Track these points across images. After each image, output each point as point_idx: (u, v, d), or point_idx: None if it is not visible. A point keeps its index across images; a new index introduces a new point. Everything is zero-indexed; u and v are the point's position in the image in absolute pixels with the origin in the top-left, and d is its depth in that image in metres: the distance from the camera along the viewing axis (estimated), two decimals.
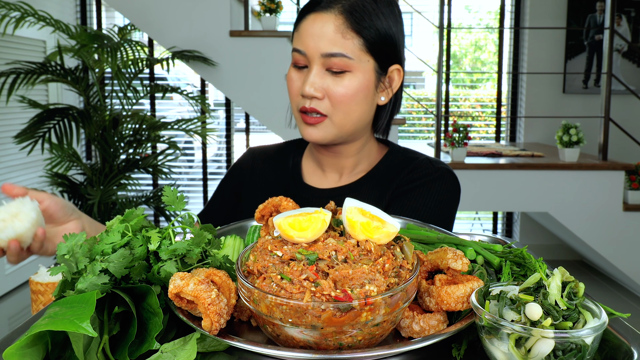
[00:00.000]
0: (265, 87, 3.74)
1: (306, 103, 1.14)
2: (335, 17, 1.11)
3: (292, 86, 1.18)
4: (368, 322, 0.64)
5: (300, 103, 1.16)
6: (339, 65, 1.11)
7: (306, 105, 1.14)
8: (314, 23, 1.12)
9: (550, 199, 3.81)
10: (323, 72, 1.13)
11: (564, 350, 0.60)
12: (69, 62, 4.69)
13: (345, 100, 1.13)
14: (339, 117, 1.15)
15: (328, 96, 1.13)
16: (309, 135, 1.18)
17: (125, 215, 0.81)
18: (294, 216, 0.71)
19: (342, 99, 1.13)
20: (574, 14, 5.16)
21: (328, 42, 1.11)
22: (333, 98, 1.13)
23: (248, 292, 0.67)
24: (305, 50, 1.13)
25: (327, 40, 1.11)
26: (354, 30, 1.12)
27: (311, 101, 1.14)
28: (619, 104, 4.96)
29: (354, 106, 1.15)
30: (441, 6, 3.90)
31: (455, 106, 6.13)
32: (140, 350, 0.66)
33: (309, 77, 1.12)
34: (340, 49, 1.11)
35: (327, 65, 1.12)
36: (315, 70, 1.12)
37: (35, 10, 3.28)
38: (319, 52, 1.11)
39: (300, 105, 1.16)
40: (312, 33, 1.12)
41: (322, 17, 1.12)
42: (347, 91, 1.13)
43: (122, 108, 3.69)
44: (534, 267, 0.81)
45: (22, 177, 4.44)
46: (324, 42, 1.11)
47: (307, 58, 1.13)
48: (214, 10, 3.71)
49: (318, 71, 1.13)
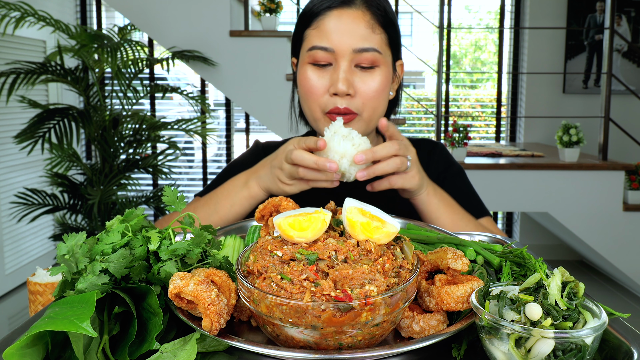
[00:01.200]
0: (265, 87, 3.74)
1: (338, 103, 1.11)
2: (363, 13, 1.11)
3: (312, 86, 1.13)
4: (368, 322, 0.64)
5: (327, 104, 1.12)
6: (369, 61, 1.10)
7: (339, 106, 1.11)
8: (340, 19, 1.10)
9: (550, 199, 3.81)
10: (352, 69, 1.11)
11: (564, 350, 0.60)
12: (69, 62, 4.69)
13: (376, 95, 1.12)
14: (369, 113, 1.14)
15: (359, 93, 1.11)
16: None
17: (125, 215, 0.81)
18: (294, 216, 0.71)
19: (374, 94, 1.12)
20: (574, 14, 5.16)
21: (360, 37, 1.09)
22: (365, 94, 1.11)
23: (248, 292, 0.67)
24: (333, 46, 1.10)
25: (358, 36, 1.09)
26: (381, 25, 1.12)
27: (343, 100, 1.11)
28: (619, 104, 4.96)
29: (382, 101, 1.15)
30: (441, 6, 3.90)
31: (455, 106, 6.13)
32: (140, 350, 0.66)
33: (339, 74, 1.10)
34: (372, 43, 1.10)
35: (357, 61, 1.11)
36: (346, 67, 1.10)
37: (35, 10, 3.28)
38: (350, 47, 1.09)
39: (328, 107, 1.12)
40: (340, 29, 1.10)
41: (348, 12, 1.11)
42: (378, 86, 1.12)
43: (122, 108, 3.69)
44: (534, 267, 0.81)
45: (22, 177, 4.44)
46: (355, 37, 1.09)
47: (335, 55, 1.10)
48: (214, 10, 3.71)
49: (348, 67, 1.10)
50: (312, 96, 1.14)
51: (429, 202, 1.12)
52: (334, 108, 1.11)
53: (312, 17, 1.14)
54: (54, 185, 3.68)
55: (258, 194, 1.11)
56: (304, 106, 1.19)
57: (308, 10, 1.15)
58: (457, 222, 1.14)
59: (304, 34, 1.16)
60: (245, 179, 1.13)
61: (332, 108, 1.11)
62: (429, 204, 1.12)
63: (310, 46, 1.12)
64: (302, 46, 1.17)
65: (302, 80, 1.15)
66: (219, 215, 1.13)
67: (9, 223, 4.24)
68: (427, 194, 1.12)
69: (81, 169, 3.72)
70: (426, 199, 1.12)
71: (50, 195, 3.69)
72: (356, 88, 1.11)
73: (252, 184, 1.11)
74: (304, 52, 1.16)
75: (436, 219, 1.14)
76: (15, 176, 4.37)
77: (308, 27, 1.14)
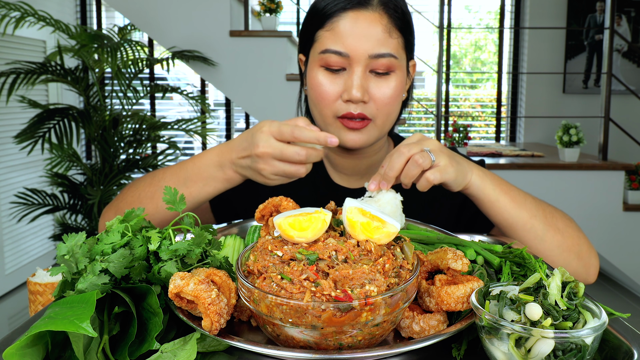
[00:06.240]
0: (265, 87, 3.74)
1: (351, 108, 1.06)
2: (380, 16, 1.05)
3: (325, 91, 1.08)
4: (368, 322, 0.64)
5: (339, 109, 1.08)
6: (385, 66, 1.06)
7: (352, 112, 1.06)
8: (356, 22, 1.04)
9: (550, 199, 3.79)
10: (367, 74, 1.06)
11: (564, 350, 0.60)
12: (69, 62, 4.69)
13: (391, 101, 1.08)
14: (382, 119, 1.09)
15: (373, 99, 1.07)
16: (353, 141, 1.09)
17: (125, 215, 0.81)
18: (294, 216, 0.71)
19: (388, 100, 1.07)
20: (574, 14, 5.16)
21: (376, 42, 1.04)
22: (379, 101, 1.07)
23: (248, 292, 0.67)
24: (348, 51, 1.04)
25: (375, 41, 1.04)
26: (398, 28, 1.07)
27: (357, 106, 1.06)
28: (619, 104, 4.96)
29: (396, 106, 1.11)
30: (441, 6, 3.90)
31: (455, 106, 6.13)
32: (140, 350, 0.66)
33: (353, 80, 1.05)
34: (389, 49, 1.05)
35: (372, 66, 1.06)
36: (361, 72, 1.05)
37: (35, 10, 3.28)
38: (366, 53, 1.04)
39: (340, 112, 1.08)
40: (356, 33, 1.04)
41: (364, 15, 1.05)
42: (393, 92, 1.07)
43: (122, 108, 3.69)
44: (534, 267, 0.81)
45: (22, 177, 4.44)
46: (371, 42, 1.04)
47: (349, 60, 1.05)
48: (214, 10, 3.71)
49: (363, 73, 1.05)
50: (323, 101, 1.09)
51: (483, 186, 0.99)
52: (347, 113, 1.07)
53: (326, 17, 1.07)
54: (54, 185, 3.68)
55: (235, 178, 1.02)
56: (313, 110, 1.14)
57: (321, 9, 1.09)
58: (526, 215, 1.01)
59: (315, 34, 1.10)
60: (218, 160, 1.02)
61: (346, 113, 1.07)
62: (484, 188, 0.99)
63: (323, 49, 1.07)
64: (314, 47, 1.11)
65: (313, 84, 1.10)
66: (190, 191, 1.04)
67: (9, 223, 4.24)
68: (480, 177, 1.00)
69: (81, 169, 3.72)
70: (480, 183, 0.99)
71: (50, 195, 3.69)
72: (371, 94, 1.06)
73: (228, 170, 1.01)
74: (315, 53, 1.10)
75: (498, 209, 1.01)
76: (15, 176, 4.37)
77: (321, 28, 1.08)
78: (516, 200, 1.02)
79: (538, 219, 1.03)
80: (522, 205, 1.02)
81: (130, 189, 1.15)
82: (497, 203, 1.01)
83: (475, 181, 0.99)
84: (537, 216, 1.03)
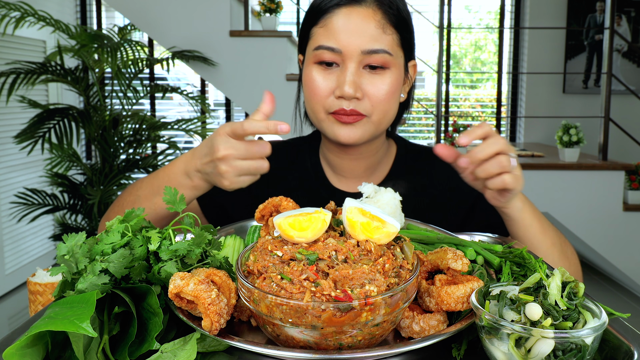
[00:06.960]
0: (265, 87, 3.73)
1: (343, 105, 1.06)
2: (374, 12, 1.05)
3: (317, 87, 1.08)
4: (368, 322, 0.64)
5: (332, 105, 1.07)
6: (379, 62, 1.05)
7: (345, 108, 1.06)
8: (349, 18, 1.04)
9: (550, 199, 3.81)
10: (360, 70, 1.06)
11: (564, 350, 0.60)
12: (69, 62, 4.69)
13: (386, 99, 1.07)
14: (378, 116, 1.09)
15: (367, 96, 1.06)
16: (347, 136, 1.09)
17: (125, 215, 0.81)
18: (294, 216, 0.71)
19: (383, 97, 1.07)
20: (574, 14, 5.16)
21: (369, 38, 1.04)
22: (374, 97, 1.06)
23: (248, 292, 0.67)
24: (341, 47, 1.04)
25: (368, 36, 1.04)
26: (393, 25, 1.06)
27: (350, 102, 1.06)
28: (619, 104, 4.96)
29: (393, 104, 1.10)
30: (441, 6, 3.90)
31: (455, 106, 6.13)
32: (140, 350, 0.66)
33: (346, 76, 1.04)
34: (382, 45, 1.05)
35: (365, 63, 1.05)
36: (354, 68, 1.05)
37: (35, 10, 3.28)
38: (359, 49, 1.04)
39: (332, 108, 1.07)
40: (349, 29, 1.04)
41: (358, 11, 1.05)
42: (388, 89, 1.07)
43: (122, 108, 3.69)
44: (534, 267, 0.81)
45: (22, 177, 4.44)
46: (364, 38, 1.04)
47: (342, 55, 1.05)
48: (214, 10, 3.71)
49: (356, 69, 1.05)
50: (315, 97, 1.09)
51: (523, 209, 1.01)
52: (339, 109, 1.07)
53: (320, 14, 1.08)
54: (54, 185, 3.68)
55: (201, 185, 1.02)
56: (307, 106, 1.15)
57: (315, 7, 1.09)
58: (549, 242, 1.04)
59: (310, 31, 1.10)
60: (184, 169, 1.02)
61: (338, 109, 1.07)
62: (523, 211, 1.01)
63: (317, 45, 1.07)
64: (309, 44, 1.11)
65: (306, 80, 1.10)
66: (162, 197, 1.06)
67: (9, 223, 4.24)
68: (522, 200, 1.01)
69: (81, 169, 3.72)
70: (521, 206, 1.01)
71: (50, 195, 3.69)
72: (364, 91, 1.06)
73: (194, 177, 1.01)
74: (309, 50, 1.10)
75: (529, 233, 1.03)
76: (15, 176, 4.37)
77: (315, 25, 1.09)
78: (543, 226, 1.06)
79: (556, 247, 1.07)
80: (546, 233, 1.06)
81: (118, 199, 1.19)
82: (530, 228, 1.04)
83: (518, 203, 1.01)
84: (556, 244, 1.07)
